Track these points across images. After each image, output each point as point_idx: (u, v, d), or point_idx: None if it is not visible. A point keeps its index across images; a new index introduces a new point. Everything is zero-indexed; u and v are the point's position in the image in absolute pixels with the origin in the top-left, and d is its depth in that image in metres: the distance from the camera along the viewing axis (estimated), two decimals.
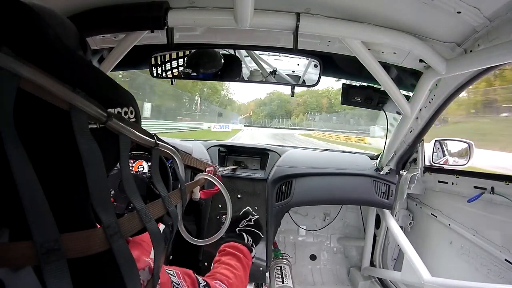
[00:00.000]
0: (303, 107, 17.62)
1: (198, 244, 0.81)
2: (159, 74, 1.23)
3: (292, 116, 16.84)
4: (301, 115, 17.31)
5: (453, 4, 0.79)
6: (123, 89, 0.39)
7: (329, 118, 18.12)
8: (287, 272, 1.75)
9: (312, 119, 17.11)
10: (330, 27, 0.97)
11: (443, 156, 1.82)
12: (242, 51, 1.30)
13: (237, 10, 0.88)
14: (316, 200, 1.73)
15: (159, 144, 0.49)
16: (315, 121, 17.73)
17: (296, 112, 18.54)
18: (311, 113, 16.52)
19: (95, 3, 0.94)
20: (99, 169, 0.32)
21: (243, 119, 19.08)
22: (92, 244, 0.31)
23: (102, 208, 0.32)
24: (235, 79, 1.31)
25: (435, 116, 1.33)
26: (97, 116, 0.32)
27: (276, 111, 21.23)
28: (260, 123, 17.58)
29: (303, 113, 17.12)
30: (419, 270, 1.28)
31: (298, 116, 17.58)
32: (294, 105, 18.62)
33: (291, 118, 20.59)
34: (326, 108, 17.15)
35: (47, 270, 0.27)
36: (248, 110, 24.85)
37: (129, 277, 0.34)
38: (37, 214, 0.26)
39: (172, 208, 0.49)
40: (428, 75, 1.13)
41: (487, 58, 0.84)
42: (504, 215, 1.18)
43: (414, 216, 1.86)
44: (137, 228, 0.38)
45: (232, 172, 1.69)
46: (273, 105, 21.43)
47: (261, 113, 23.14)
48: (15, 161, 0.25)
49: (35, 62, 0.26)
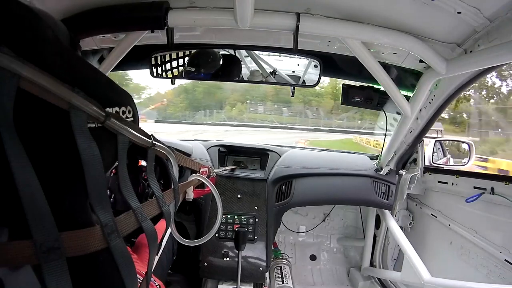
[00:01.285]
0: (239, 94, 12.77)
1: (188, 244, 0.83)
2: (159, 74, 1.23)
3: (226, 106, 12.51)
4: (239, 105, 12.49)
5: (453, 4, 0.79)
6: (120, 88, 0.39)
7: (277, 109, 11.26)
8: (287, 272, 1.75)
9: (254, 111, 11.83)
10: (330, 27, 0.97)
11: (443, 157, 1.82)
12: (242, 51, 1.30)
13: (237, 10, 0.88)
14: (316, 201, 1.73)
15: (155, 144, 0.49)
16: (259, 114, 12.44)
17: (231, 101, 13.32)
18: (252, 103, 12.00)
19: (95, 3, 0.95)
20: (97, 168, 0.32)
21: (150, 111, 14.44)
22: (91, 243, 0.31)
23: (100, 207, 0.33)
24: (235, 79, 1.31)
25: (435, 117, 1.33)
26: (96, 115, 0.32)
27: (201, 100, 15.86)
28: (179, 118, 13.49)
29: (241, 103, 12.54)
30: (419, 270, 1.28)
31: (234, 106, 12.78)
32: (228, 93, 13.57)
33: (223, 110, 15.07)
34: (272, 96, 11.96)
35: (47, 269, 0.27)
36: (162, 100, 18.75)
37: (127, 274, 0.34)
38: (36, 213, 0.26)
39: (166, 207, 0.50)
40: (428, 76, 1.13)
41: (487, 58, 0.84)
42: (504, 215, 1.18)
43: (414, 216, 1.86)
44: (133, 227, 0.39)
45: (231, 172, 1.69)
46: (197, 93, 15.83)
47: (181, 103, 17.61)
48: (14, 160, 0.25)
49: (35, 62, 0.26)
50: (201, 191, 0.91)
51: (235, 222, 1.56)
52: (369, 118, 11.75)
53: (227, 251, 1.50)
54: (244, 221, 1.57)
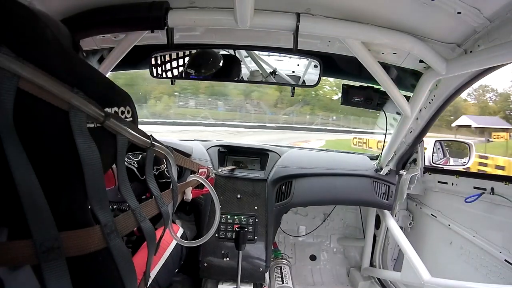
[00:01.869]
0: (167, 85, 8.02)
1: (185, 245, 0.83)
2: (159, 74, 1.23)
3: (150, 100, 8.49)
4: (165, 99, 8.60)
5: (453, 4, 0.79)
6: (120, 88, 0.39)
7: (211, 102, 8.06)
8: (287, 272, 1.75)
9: (184, 105, 8.05)
10: (330, 27, 0.97)
11: (443, 157, 1.82)
12: (242, 51, 1.30)
13: (237, 11, 0.88)
14: (316, 201, 1.73)
15: (154, 144, 0.49)
16: (189, 109, 8.30)
17: (156, 94, 9.45)
18: (181, 96, 8.28)
19: (95, 3, 0.95)
20: (96, 168, 0.32)
21: None
22: (91, 242, 0.31)
23: (99, 206, 0.33)
24: (234, 80, 1.31)
25: (435, 117, 1.33)
26: (95, 115, 0.32)
27: None
28: None
29: (168, 96, 8.49)
30: (419, 270, 1.28)
31: (159, 100, 8.66)
32: (154, 84, 9.32)
33: (146, 105, 10.58)
34: (205, 89, 8.61)
35: (47, 269, 0.27)
36: None
37: (127, 274, 0.34)
38: (36, 213, 0.27)
39: (164, 207, 0.50)
40: (428, 76, 1.13)
41: (487, 59, 0.84)
42: (504, 215, 1.18)
43: (414, 216, 1.86)
44: (132, 227, 0.39)
45: (231, 172, 1.69)
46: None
47: None
48: (14, 160, 0.25)
49: (34, 62, 0.26)
50: (199, 191, 0.91)
51: (235, 222, 1.56)
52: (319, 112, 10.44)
53: (227, 251, 1.50)
54: (244, 221, 1.57)
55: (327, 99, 10.64)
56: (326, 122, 10.63)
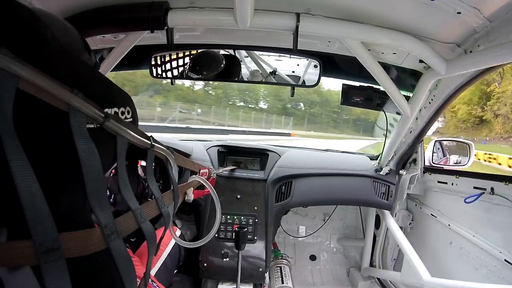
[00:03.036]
0: None
1: (185, 246, 0.83)
2: (159, 74, 1.23)
3: None
4: None
5: (453, 4, 0.79)
6: (119, 89, 0.39)
7: None
8: (286, 272, 1.75)
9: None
10: (330, 27, 0.97)
11: (443, 157, 1.82)
12: (242, 51, 1.30)
13: (237, 11, 0.88)
14: (316, 201, 1.73)
15: (154, 145, 0.49)
16: None
17: None
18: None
19: (95, 3, 0.95)
20: (96, 169, 0.32)
21: None
22: (91, 244, 0.31)
23: (99, 208, 0.33)
24: (234, 80, 1.31)
25: (435, 117, 1.33)
26: (95, 116, 0.32)
27: None
28: None
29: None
30: (418, 270, 1.28)
31: None
32: None
33: None
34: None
35: (46, 269, 0.27)
36: None
37: (127, 275, 0.34)
38: (36, 213, 0.26)
39: (165, 209, 0.50)
40: (428, 76, 1.13)
41: (487, 59, 0.84)
42: (504, 215, 1.18)
43: (414, 216, 1.86)
44: (132, 228, 0.39)
45: (231, 172, 1.69)
46: None
47: None
48: (14, 161, 0.25)
49: (34, 63, 0.26)
50: (201, 192, 0.91)
51: (234, 222, 1.56)
52: None
53: (227, 251, 1.50)
54: (244, 221, 1.57)
55: None
56: None
